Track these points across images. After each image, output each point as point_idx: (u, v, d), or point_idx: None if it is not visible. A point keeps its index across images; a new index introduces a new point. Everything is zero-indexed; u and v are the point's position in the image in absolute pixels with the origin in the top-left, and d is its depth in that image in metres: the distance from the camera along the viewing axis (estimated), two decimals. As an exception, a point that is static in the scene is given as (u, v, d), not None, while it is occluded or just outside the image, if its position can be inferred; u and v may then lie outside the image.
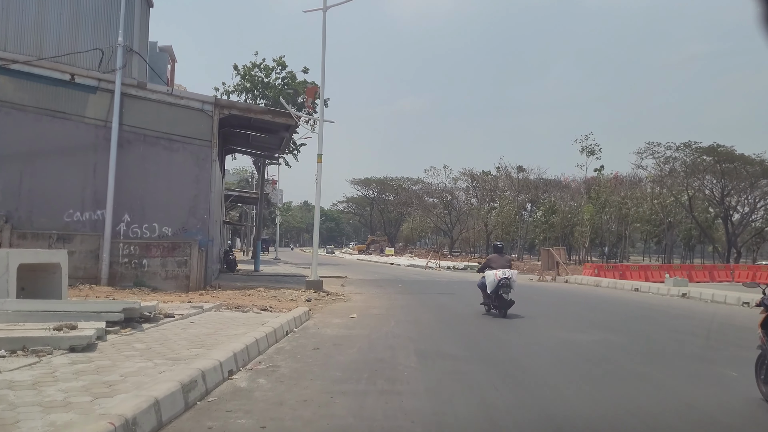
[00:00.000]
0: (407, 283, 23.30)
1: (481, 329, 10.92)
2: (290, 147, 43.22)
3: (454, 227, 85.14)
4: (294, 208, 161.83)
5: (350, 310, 13.50)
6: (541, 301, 17.45)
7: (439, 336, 9.92)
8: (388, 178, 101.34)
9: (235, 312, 11.28)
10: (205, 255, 17.43)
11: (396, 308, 14.00)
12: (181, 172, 17.56)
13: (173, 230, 17.37)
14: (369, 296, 17.26)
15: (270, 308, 12.45)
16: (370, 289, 19.89)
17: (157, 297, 14.06)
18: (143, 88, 17.30)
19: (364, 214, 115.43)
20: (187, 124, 17.71)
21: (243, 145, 24.80)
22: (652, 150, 45.06)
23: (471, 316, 12.91)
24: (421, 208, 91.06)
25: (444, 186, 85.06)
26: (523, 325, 11.54)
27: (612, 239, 60.23)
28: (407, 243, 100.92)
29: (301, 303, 14.48)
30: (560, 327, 11.49)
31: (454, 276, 30.60)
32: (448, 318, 12.72)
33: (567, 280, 25.73)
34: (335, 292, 17.52)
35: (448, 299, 17.12)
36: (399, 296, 17.55)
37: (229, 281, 19.57)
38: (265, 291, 16.77)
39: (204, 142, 17.66)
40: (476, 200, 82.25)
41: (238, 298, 14.78)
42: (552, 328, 11.21)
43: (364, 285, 21.59)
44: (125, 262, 16.88)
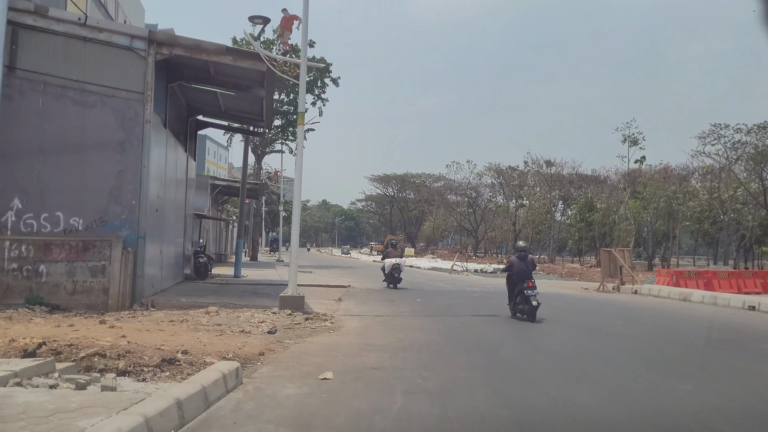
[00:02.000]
0: (428, 295, 17.59)
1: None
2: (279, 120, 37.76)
3: (479, 226, 79.06)
4: (312, 207, 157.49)
5: (329, 354, 7.91)
6: (637, 332, 11.67)
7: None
8: (408, 174, 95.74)
9: (82, 379, 5.69)
10: (133, 258, 11.95)
11: (408, 352, 8.31)
12: (100, 138, 12.15)
13: (86, 222, 11.96)
14: (370, 321, 11.60)
15: (179, 360, 6.92)
16: (375, 306, 14.24)
17: (43, 326, 8.76)
18: (44, 15, 11.88)
19: (384, 213, 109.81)
20: (110, 69, 12.30)
21: (216, 114, 19.33)
22: (717, 134, 38.70)
23: (553, 374, 7.20)
24: (443, 205, 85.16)
25: (468, 182, 79.14)
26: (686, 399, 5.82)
27: (655, 239, 53.69)
28: (428, 243, 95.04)
29: (256, 338, 8.95)
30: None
31: (485, 283, 24.84)
32: (509, 380, 6.97)
33: (636, 291, 19.81)
34: (322, 314, 11.92)
35: (494, 328, 11.35)
36: (416, 321, 11.86)
37: (179, 295, 14.07)
38: (215, 313, 11.22)
39: (133, 94, 12.21)
40: (503, 197, 76.06)
41: (160, 327, 9.31)
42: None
43: (370, 299, 15.96)
44: (13, 268, 11.53)
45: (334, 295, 16.41)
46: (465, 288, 21.28)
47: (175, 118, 16.27)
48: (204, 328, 9.37)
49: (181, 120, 17.66)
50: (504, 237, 77.12)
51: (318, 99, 37.40)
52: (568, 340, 9.91)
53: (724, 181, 43.14)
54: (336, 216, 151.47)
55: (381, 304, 14.64)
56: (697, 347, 9.92)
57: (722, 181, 43.24)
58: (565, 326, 11.66)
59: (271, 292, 15.98)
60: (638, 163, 51.57)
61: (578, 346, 9.30)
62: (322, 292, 16.97)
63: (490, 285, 23.35)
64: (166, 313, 10.96)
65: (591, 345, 9.45)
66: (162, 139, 14.16)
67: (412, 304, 14.78)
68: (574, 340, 9.99)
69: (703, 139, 39.49)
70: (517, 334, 10.56)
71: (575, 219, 59.52)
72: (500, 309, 14.14)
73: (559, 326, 11.55)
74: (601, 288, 20.74)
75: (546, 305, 15.19)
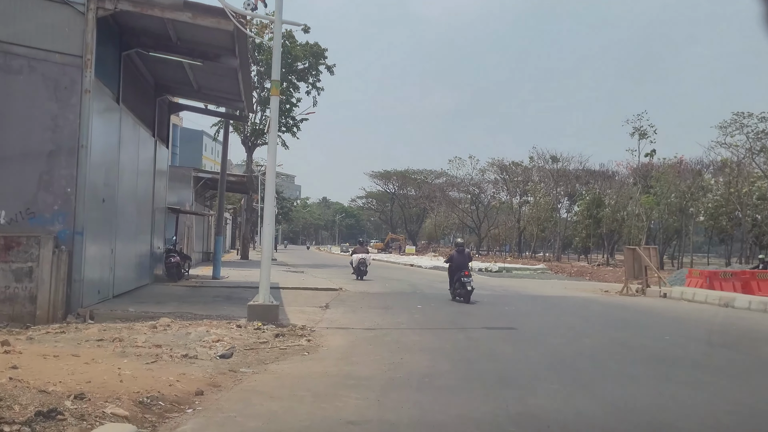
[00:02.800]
0: (430, 300, 15.35)
1: None
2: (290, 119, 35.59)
3: (482, 224, 76.75)
4: (312, 205, 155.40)
5: (293, 394, 5.66)
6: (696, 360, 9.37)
7: None
8: (409, 170, 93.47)
9: None
10: (68, 258, 9.72)
11: (404, 391, 6.01)
12: (27, 112, 9.92)
13: (9, 215, 9.77)
14: (358, 337, 9.33)
15: (64, 411, 4.72)
16: (367, 315, 11.99)
17: None
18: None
19: (385, 210, 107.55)
20: (40, 28, 10.07)
21: (189, 94, 17.08)
22: (740, 123, 36.35)
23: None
24: (445, 202, 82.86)
25: (470, 178, 76.84)
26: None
27: (666, 236, 51.25)
28: (430, 241, 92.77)
29: (201, 365, 6.75)
30: None
31: (493, 284, 22.56)
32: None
33: (665, 294, 17.52)
34: (299, 327, 9.68)
35: (517, 349, 8.97)
36: (415, 336, 9.57)
37: (133, 302, 11.81)
38: (164, 328, 8.97)
39: (69, 58, 9.97)
40: (506, 194, 73.74)
41: (78, 349, 7.12)
42: None
43: (362, 305, 13.71)
44: None
45: (320, 300, 14.16)
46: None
47: (136, 96, 14.02)
48: (135, 352, 7.12)
49: (147, 99, 15.41)
50: (508, 234, 74.90)
51: (312, 87, 35.15)
52: (631, 372, 7.51)
53: (743, 175, 40.85)
54: (336, 213, 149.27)
55: (374, 312, 12.38)
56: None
57: (741, 174, 40.94)
58: (610, 348, 9.28)
59: (248, 297, 13.76)
60: (648, 157, 49.28)
61: (659, 392, 6.30)
62: (308, 297, 14.73)
63: (499, 286, 21.07)
64: (102, 328, 8.72)
65: (674, 390, 6.38)
66: (113, 117, 11.91)
67: (411, 312, 12.51)
68: (637, 373, 7.51)
69: (725, 129, 37.13)
70: (548, 357, 8.28)
71: (583, 215, 57.18)
72: (517, 319, 11.92)
73: (602, 347, 9.24)
74: (624, 290, 18.47)
75: (574, 315, 12.92)
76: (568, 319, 12.41)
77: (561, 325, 11.59)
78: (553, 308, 14.65)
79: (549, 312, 13.80)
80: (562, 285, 24.73)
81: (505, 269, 41.67)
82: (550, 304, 15.59)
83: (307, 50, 33.64)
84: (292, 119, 35.82)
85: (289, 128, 35.81)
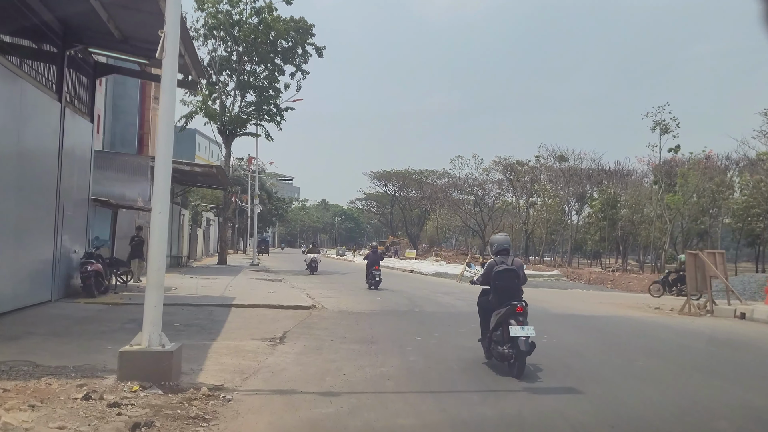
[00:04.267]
0: (434, 325, 11.14)
1: None
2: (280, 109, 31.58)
3: (486, 226, 72.50)
4: (311, 207, 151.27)
5: None
6: None
7: None
8: (410, 170, 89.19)
9: None
10: None
11: None
12: None
13: None
14: (307, 417, 5.12)
15: None
16: (337, 356, 7.76)
17: None
18: None
19: (385, 212, 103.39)
20: None
21: (111, 46, 12.85)
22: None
23: None
24: (447, 204, 78.60)
25: (474, 178, 72.56)
26: None
27: (685, 239, 46.87)
28: (431, 244, 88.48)
29: None
30: None
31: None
32: None
33: (743, 314, 13.31)
34: (210, 391, 5.48)
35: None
36: (410, 417, 5.33)
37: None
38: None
39: None
40: (513, 195, 69.55)
41: None
42: None
43: (336, 335, 9.50)
44: None
45: (279, 325, 9.99)
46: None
47: (21, 37, 9.87)
48: None
49: (46, 49, 11.26)
50: (514, 237, 70.59)
51: (297, 70, 30.94)
52: None
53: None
54: (335, 216, 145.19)
55: (349, 350, 8.15)
56: None
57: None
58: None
59: (181, 321, 9.71)
60: (672, 153, 45.02)
61: None
62: (263, 321, 10.57)
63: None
64: None
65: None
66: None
67: (403, 352, 8.24)
68: None
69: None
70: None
71: (596, 217, 52.99)
72: (570, 365, 7.73)
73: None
74: (686, 308, 14.27)
75: (649, 353, 8.66)
76: (648, 364, 8.20)
77: (644, 376, 7.35)
78: (607, 339, 10.46)
79: (606, 346, 9.60)
80: (590, 296, 20.54)
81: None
82: (598, 331, 11.39)
83: (291, 26, 29.45)
84: (276, 107, 31.64)
85: (272, 117, 31.62)
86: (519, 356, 6.78)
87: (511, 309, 7.07)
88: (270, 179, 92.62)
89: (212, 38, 30.29)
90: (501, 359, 7.05)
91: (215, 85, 30.63)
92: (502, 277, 7.29)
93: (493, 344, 7.28)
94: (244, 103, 31.33)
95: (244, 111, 31.34)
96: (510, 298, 7.20)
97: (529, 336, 6.87)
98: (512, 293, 7.26)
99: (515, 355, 6.81)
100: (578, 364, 7.91)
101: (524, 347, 6.76)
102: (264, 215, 77.70)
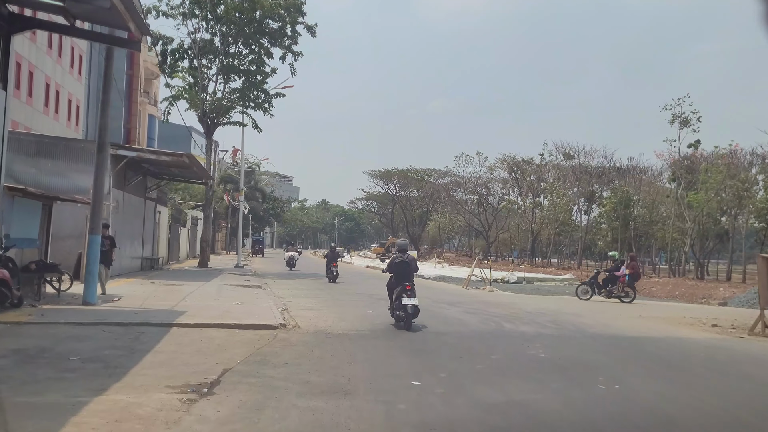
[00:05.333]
0: (439, 361, 8.15)
1: None
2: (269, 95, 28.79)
3: (491, 227, 69.48)
4: (311, 207, 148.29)
5: None
6: None
7: None
8: (411, 169, 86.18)
9: None
10: None
11: None
12: None
13: None
14: None
15: None
16: (283, 427, 4.77)
17: None
18: None
19: (386, 213, 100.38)
20: None
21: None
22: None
23: None
24: (450, 204, 75.56)
25: (478, 176, 69.50)
26: None
27: (702, 240, 43.72)
28: (433, 245, 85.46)
29: None
30: None
31: (528, 307, 15.51)
32: None
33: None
34: None
35: None
36: None
37: None
38: None
39: None
40: (518, 195, 66.50)
41: None
42: None
43: (297, 377, 6.50)
44: None
45: (222, 358, 7.04)
46: (503, 323, 11.86)
47: None
48: None
49: None
50: (520, 238, 67.58)
51: (288, 52, 27.94)
52: None
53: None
54: (336, 216, 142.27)
55: (307, 409, 5.14)
56: None
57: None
58: None
59: (91, 358, 6.82)
60: (692, 148, 41.93)
61: None
62: (207, 348, 7.64)
63: (538, 312, 13.93)
64: None
65: None
66: None
67: (393, 412, 5.27)
68: None
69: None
70: None
71: (609, 217, 49.91)
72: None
73: None
74: (757, 328, 11.29)
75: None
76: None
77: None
78: (694, 384, 7.44)
79: (709, 405, 6.52)
80: (621, 308, 17.57)
81: (525, 279, 34.48)
82: (668, 366, 8.36)
83: (279, 3, 26.46)
84: (264, 93, 28.68)
85: (259, 104, 28.67)
86: (407, 317, 10.08)
87: (403, 287, 10.30)
88: (266, 178, 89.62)
89: (192, 17, 27.36)
90: (398, 320, 10.34)
91: (196, 70, 27.72)
92: (399, 267, 10.74)
93: (394, 310, 10.48)
94: (227, 88, 28.40)
95: (228, 98, 28.40)
96: (404, 280, 10.47)
97: (415, 304, 10.07)
98: (405, 277, 10.57)
99: (405, 316, 10.08)
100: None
101: (411, 311, 10.06)
102: (260, 215, 74.76)
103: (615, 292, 17.86)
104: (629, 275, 17.94)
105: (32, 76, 30.42)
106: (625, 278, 17.86)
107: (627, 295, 17.90)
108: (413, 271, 10.72)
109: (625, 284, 17.87)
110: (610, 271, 18.83)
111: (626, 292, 17.90)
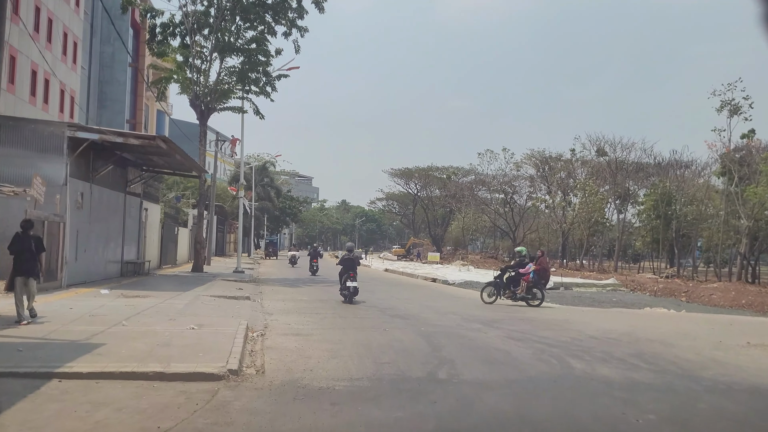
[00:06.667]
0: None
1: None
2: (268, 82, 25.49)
3: (518, 227, 65.38)
4: (330, 208, 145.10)
5: None
6: None
7: None
8: (433, 167, 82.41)
9: None
10: None
11: None
12: None
13: None
14: None
15: None
16: None
17: None
18: None
19: (407, 213, 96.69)
20: None
21: None
22: None
23: None
24: (474, 203, 71.48)
25: (503, 174, 65.33)
26: None
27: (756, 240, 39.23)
28: (456, 246, 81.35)
29: None
30: None
31: (583, 323, 11.81)
32: None
33: None
34: None
35: None
36: None
37: None
38: None
39: None
40: (547, 192, 62.14)
41: None
42: None
43: None
44: None
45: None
46: (569, 360, 8.19)
47: None
48: None
49: None
50: (550, 239, 63.34)
51: (292, 27, 24.44)
52: None
53: None
54: (356, 217, 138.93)
55: None
56: None
57: None
58: None
59: None
60: (745, 138, 37.61)
61: None
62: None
63: (602, 334, 10.24)
64: None
65: None
66: None
67: None
68: None
69: None
70: None
71: (649, 215, 45.64)
72: None
73: None
74: None
75: None
76: None
77: None
78: None
79: None
80: (703, 324, 13.69)
81: (563, 285, 30.51)
82: None
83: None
84: (266, 75, 25.26)
85: (261, 88, 25.26)
86: (350, 295, 15.33)
87: (348, 275, 15.42)
88: (283, 177, 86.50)
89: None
90: (344, 297, 15.38)
91: (188, 48, 24.40)
92: (346, 261, 15.77)
93: (342, 291, 15.58)
94: (224, 69, 24.98)
95: (225, 79, 25.01)
96: (349, 269, 15.52)
97: (356, 286, 15.46)
98: (351, 267, 15.56)
99: (349, 294, 15.32)
100: None
101: (353, 291, 15.36)
102: (275, 215, 71.54)
103: (519, 293, 16.08)
104: (534, 272, 16.09)
105: (15, 60, 27.47)
106: (530, 276, 15.96)
107: (534, 297, 16.04)
108: (356, 264, 15.89)
109: (529, 283, 15.96)
110: (513, 268, 16.50)
111: (533, 294, 16.05)
